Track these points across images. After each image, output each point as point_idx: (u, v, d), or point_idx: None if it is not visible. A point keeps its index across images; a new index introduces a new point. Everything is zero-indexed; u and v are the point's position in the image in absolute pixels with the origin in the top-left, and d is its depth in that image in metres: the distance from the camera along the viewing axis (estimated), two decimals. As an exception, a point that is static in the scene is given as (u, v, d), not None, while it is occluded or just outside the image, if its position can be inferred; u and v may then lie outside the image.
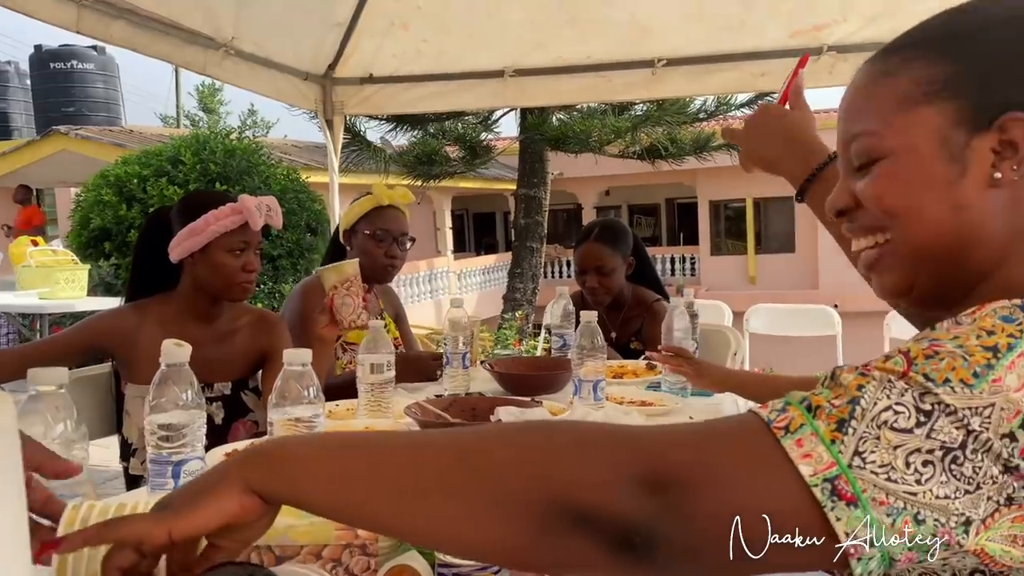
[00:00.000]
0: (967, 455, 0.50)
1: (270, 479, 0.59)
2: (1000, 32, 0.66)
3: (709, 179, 16.82)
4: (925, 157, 0.67)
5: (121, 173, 6.39)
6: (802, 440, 0.52)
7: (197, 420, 0.99)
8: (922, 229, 0.67)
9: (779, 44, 3.42)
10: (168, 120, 24.99)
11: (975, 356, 0.52)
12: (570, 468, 0.54)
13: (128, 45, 2.86)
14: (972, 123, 0.65)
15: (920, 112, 0.67)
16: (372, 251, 2.20)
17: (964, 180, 0.65)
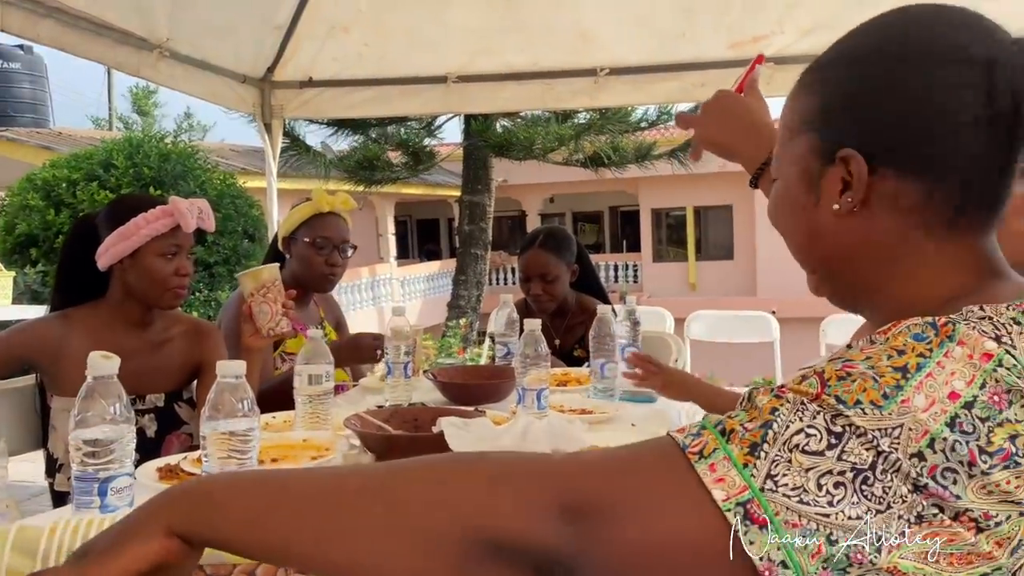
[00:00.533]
0: (877, 476, 0.51)
1: (192, 521, 0.57)
2: (844, 69, 0.69)
3: (651, 187, 17.07)
4: (793, 184, 0.71)
5: (49, 177, 6.17)
6: (715, 465, 0.53)
7: (126, 435, 0.94)
8: (797, 249, 0.73)
9: (719, 55, 3.49)
10: (100, 123, 24.24)
11: (885, 377, 0.53)
12: (489, 501, 0.54)
13: (57, 45, 2.75)
14: (823, 155, 0.68)
15: (796, 142, 0.71)
16: (312, 259, 2.16)
17: (818, 209, 0.69)
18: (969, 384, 0.52)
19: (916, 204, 0.64)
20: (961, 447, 0.50)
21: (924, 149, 0.63)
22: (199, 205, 1.77)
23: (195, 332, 1.87)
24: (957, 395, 0.52)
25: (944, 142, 0.62)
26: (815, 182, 0.68)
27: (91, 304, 1.76)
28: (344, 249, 2.22)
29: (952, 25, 0.64)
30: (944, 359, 0.53)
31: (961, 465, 0.50)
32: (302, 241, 2.17)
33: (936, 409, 0.51)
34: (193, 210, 1.74)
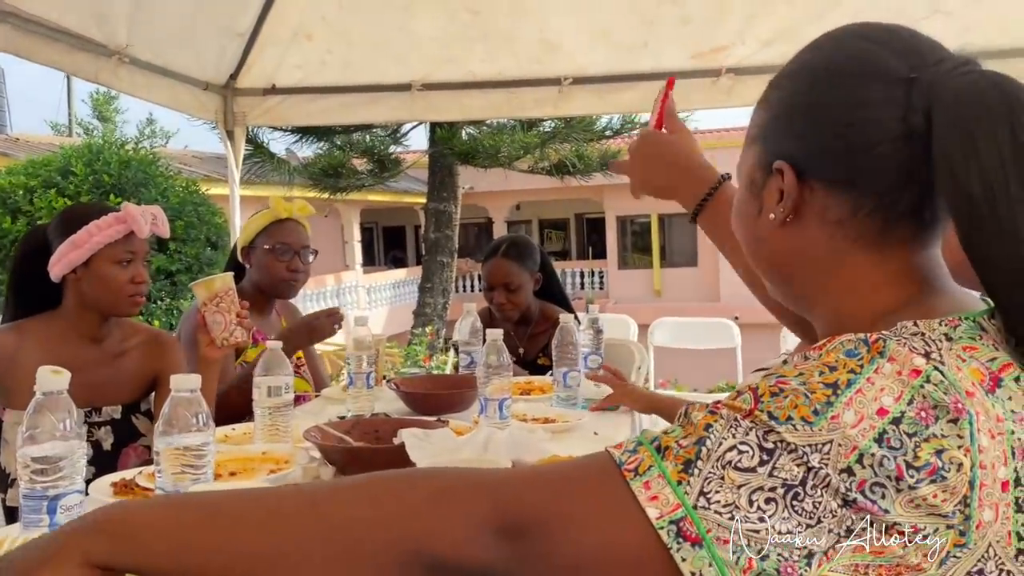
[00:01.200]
0: (807, 491, 0.51)
1: (112, 550, 0.55)
2: (785, 84, 0.71)
3: (616, 195, 17.20)
4: (743, 193, 0.74)
5: (5, 184, 6.03)
6: (650, 482, 0.53)
7: (76, 451, 0.92)
8: (748, 255, 0.75)
9: (680, 65, 3.52)
10: (59, 128, 23.77)
11: (816, 393, 0.54)
12: (427, 520, 0.54)
13: (12, 50, 2.70)
14: (764, 167, 0.70)
15: (747, 152, 0.74)
16: (272, 266, 2.14)
17: (760, 217, 0.71)
18: (897, 400, 0.53)
19: (843, 217, 0.66)
20: (889, 462, 0.51)
21: (847, 164, 0.65)
22: (152, 211, 1.74)
23: (153, 343, 1.84)
24: (885, 411, 0.53)
25: (865, 158, 0.64)
26: (759, 192, 0.71)
27: (45, 315, 1.73)
28: (305, 254, 2.20)
29: (881, 43, 0.66)
30: (874, 375, 0.54)
31: (889, 480, 0.51)
32: (261, 249, 2.15)
33: (865, 425, 0.52)
34: (147, 216, 1.72)
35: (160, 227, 1.75)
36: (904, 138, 0.62)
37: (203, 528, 0.56)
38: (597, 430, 1.68)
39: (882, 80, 0.63)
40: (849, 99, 0.65)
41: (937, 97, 0.61)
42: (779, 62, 2.52)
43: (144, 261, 1.76)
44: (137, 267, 1.73)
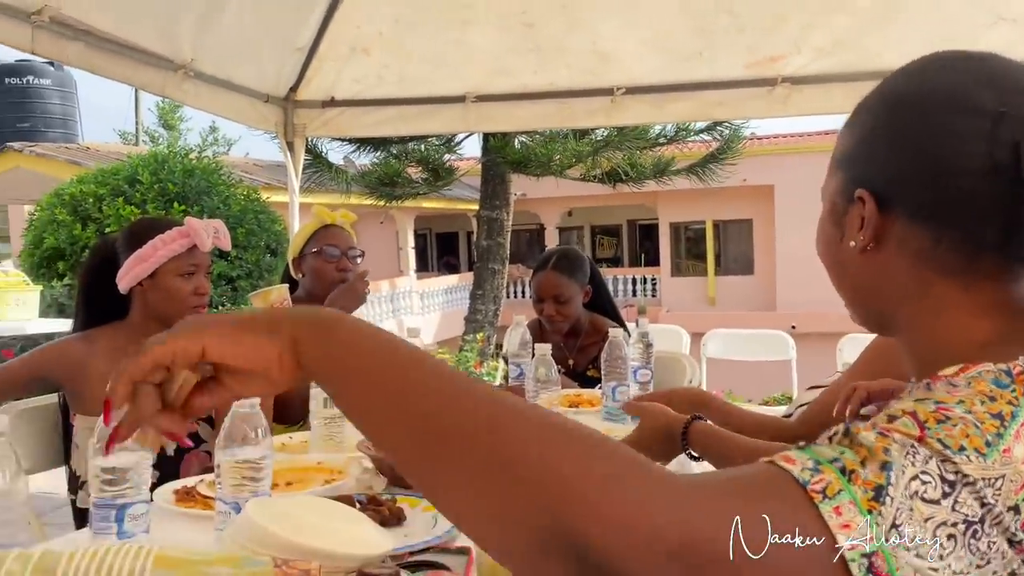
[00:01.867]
0: (984, 529, 0.49)
1: (318, 352, 0.56)
2: (871, 111, 0.71)
3: (670, 201, 17.06)
4: (826, 218, 0.74)
5: (76, 192, 6.28)
6: (840, 508, 0.48)
7: (143, 463, 0.97)
8: (832, 279, 0.75)
9: (735, 75, 3.51)
10: (127, 137, 24.61)
11: (985, 424, 0.51)
12: (593, 501, 0.47)
13: (85, 66, 2.83)
14: (846, 194, 0.70)
15: (832, 178, 0.74)
16: (323, 269, 2.20)
17: (843, 243, 0.71)
18: None
19: (925, 247, 0.65)
20: None
21: (930, 195, 0.64)
22: (215, 225, 1.81)
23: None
24: None
25: (948, 190, 0.63)
26: (840, 219, 0.71)
27: (113, 325, 1.81)
28: (352, 255, 2.26)
29: (970, 73, 0.65)
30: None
31: None
32: (310, 255, 2.22)
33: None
34: (209, 230, 1.78)
35: (222, 240, 1.82)
36: (990, 172, 0.62)
37: (394, 380, 0.54)
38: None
39: (969, 112, 0.63)
40: (934, 130, 0.64)
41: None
42: (838, 71, 2.53)
43: (206, 273, 1.82)
44: (199, 279, 1.79)
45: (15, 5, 2.42)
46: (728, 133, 8.93)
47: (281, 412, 1.90)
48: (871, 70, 3.24)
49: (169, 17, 2.99)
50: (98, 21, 2.72)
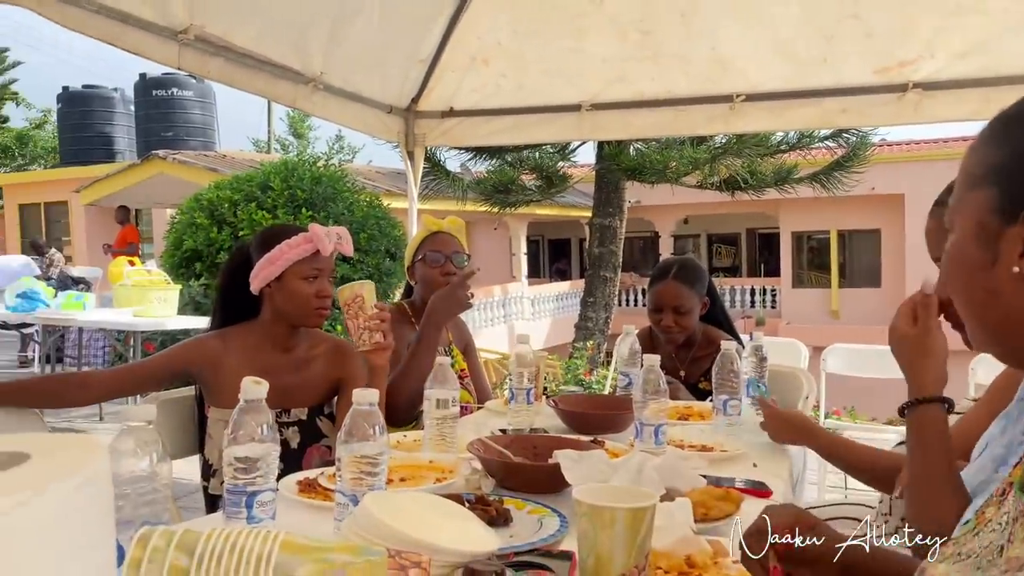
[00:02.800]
0: None
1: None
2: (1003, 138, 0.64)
3: (792, 210, 16.50)
4: (968, 240, 0.67)
5: (213, 197, 6.68)
6: None
7: (272, 453, 1.04)
8: (968, 306, 0.68)
9: (862, 80, 3.38)
10: (260, 145, 26.01)
11: None
12: None
13: (225, 80, 3.03)
14: (1004, 213, 0.64)
15: (973, 194, 0.67)
16: (430, 274, 2.27)
17: (995, 269, 0.64)
18: None
19: None
20: None
21: None
22: (337, 231, 1.90)
23: (336, 351, 1.99)
24: None
25: None
26: (992, 241, 0.64)
27: (246, 324, 1.93)
28: (456, 258, 2.31)
29: None
30: None
31: None
32: (418, 263, 2.30)
33: None
34: (331, 236, 1.88)
35: (344, 246, 1.91)
36: None
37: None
38: (757, 461, 1.65)
39: None
40: None
41: None
42: (976, 76, 2.40)
43: (329, 277, 1.92)
44: (322, 283, 1.88)
45: (164, 24, 2.63)
46: (855, 140, 8.55)
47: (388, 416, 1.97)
48: (1009, 74, 3.06)
49: (301, 32, 3.16)
50: (237, 38, 2.91)
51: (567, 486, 1.24)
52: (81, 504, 0.50)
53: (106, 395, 1.90)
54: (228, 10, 2.79)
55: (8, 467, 0.52)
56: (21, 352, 8.56)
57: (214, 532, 0.80)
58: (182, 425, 1.97)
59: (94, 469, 0.53)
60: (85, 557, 0.50)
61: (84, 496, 0.50)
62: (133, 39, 2.58)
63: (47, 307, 5.72)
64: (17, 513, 0.44)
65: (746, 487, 1.42)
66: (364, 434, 1.06)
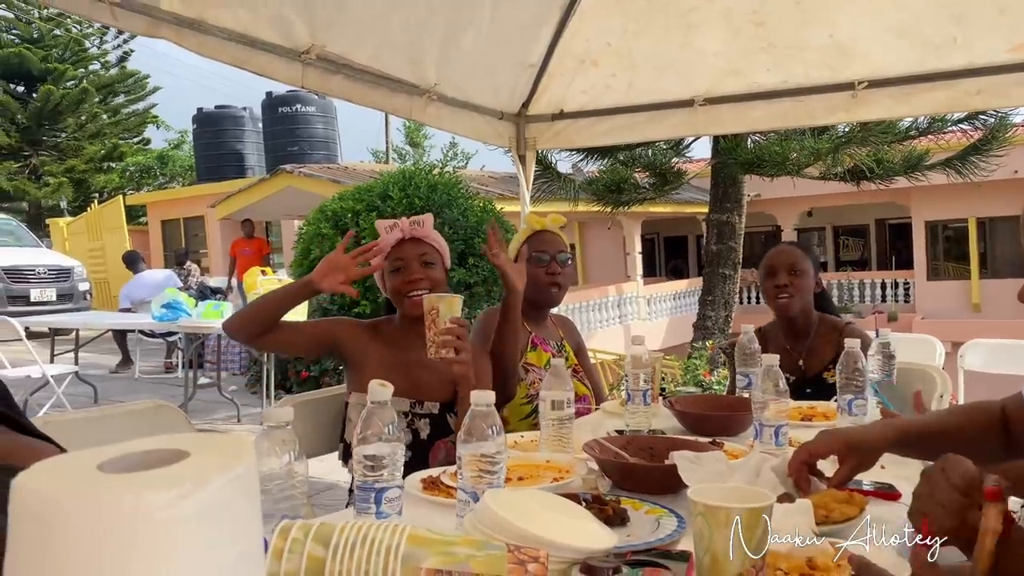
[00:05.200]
0: None
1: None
2: None
3: (925, 198, 15.59)
4: None
5: (337, 208, 6.99)
6: None
7: (397, 451, 1.10)
8: None
9: (996, 59, 3.18)
10: (379, 155, 26.92)
11: None
12: None
13: (345, 96, 3.18)
14: None
15: None
16: (534, 274, 2.29)
17: None
18: None
19: None
20: None
21: None
22: (402, 219, 1.99)
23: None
24: None
25: None
26: None
27: (391, 318, 2.05)
28: (562, 259, 2.33)
29: None
30: None
31: None
32: (523, 261, 2.31)
33: None
34: (392, 227, 1.97)
35: (416, 229, 1.98)
36: None
37: None
38: (884, 463, 1.59)
39: None
40: None
41: None
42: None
43: (420, 262, 1.96)
44: (409, 271, 1.95)
45: (288, 47, 2.79)
46: (993, 122, 7.99)
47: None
48: None
49: (415, 47, 3.27)
50: (356, 56, 3.06)
51: (684, 487, 1.24)
52: (234, 497, 0.56)
53: (285, 342, 1.98)
54: (347, 30, 2.93)
55: (172, 463, 0.59)
56: (167, 359, 9.20)
57: (347, 525, 0.86)
58: (317, 426, 2.08)
59: (245, 465, 0.58)
60: (238, 545, 0.55)
61: (237, 489, 0.56)
62: (260, 62, 2.75)
63: (189, 316, 6.14)
64: (182, 504, 0.50)
65: (872, 489, 1.37)
66: (482, 434, 1.10)
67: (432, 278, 1.98)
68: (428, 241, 2.02)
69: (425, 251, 2.00)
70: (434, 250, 2.03)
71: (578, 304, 12.55)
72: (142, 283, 8.80)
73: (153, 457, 0.62)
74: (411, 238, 2.00)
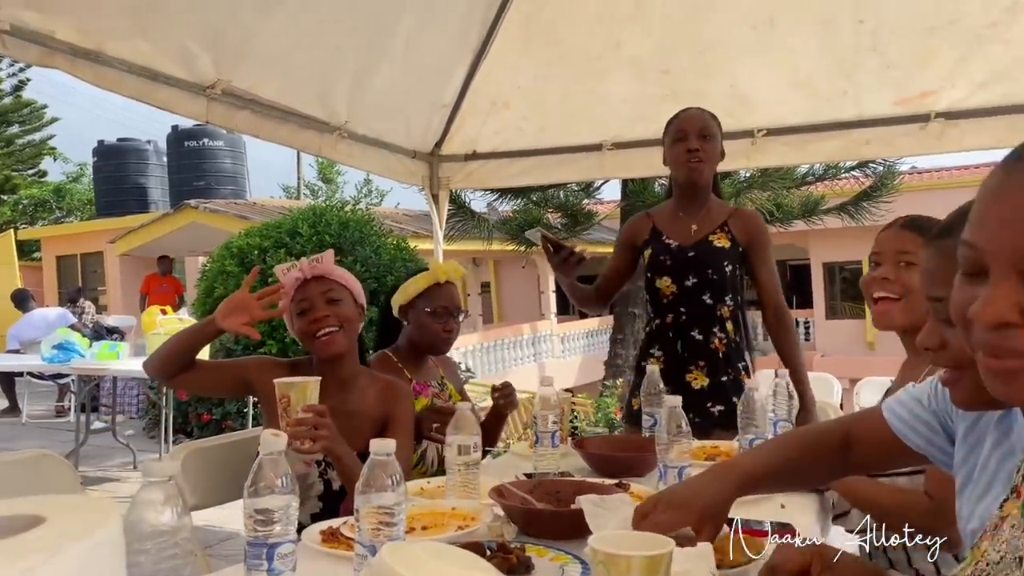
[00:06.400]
0: None
1: None
2: None
3: (822, 240, 16.35)
4: None
5: (243, 244, 6.80)
6: None
7: (291, 504, 1.05)
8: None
9: (884, 112, 3.38)
10: (290, 191, 26.47)
11: None
12: None
13: (251, 132, 3.11)
14: None
15: None
16: (430, 325, 2.26)
17: None
18: None
19: None
20: None
21: None
22: (300, 261, 1.92)
23: (387, 389, 1.96)
24: None
25: None
26: None
27: (309, 359, 1.95)
28: (458, 315, 2.32)
29: None
30: None
31: None
32: (422, 311, 2.27)
33: None
34: (292, 268, 1.89)
35: (314, 268, 1.90)
36: None
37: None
38: (784, 502, 1.62)
39: None
40: None
41: None
42: (999, 104, 2.40)
43: (325, 301, 1.88)
44: (314, 311, 1.86)
45: (193, 80, 2.72)
46: (882, 170, 8.49)
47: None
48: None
49: (326, 83, 3.24)
50: (263, 91, 2.99)
51: (590, 532, 1.22)
52: (93, 566, 0.51)
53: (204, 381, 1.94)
54: (254, 65, 2.87)
55: (24, 530, 0.54)
56: (58, 402, 8.70)
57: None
58: (222, 472, 1.98)
59: (107, 531, 0.54)
60: (96, 619, 0.51)
61: (96, 558, 0.51)
62: (163, 96, 2.66)
63: (82, 357, 5.83)
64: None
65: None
66: (382, 484, 1.06)
67: (340, 315, 1.89)
68: (332, 278, 1.94)
69: (329, 288, 1.92)
70: (340, 286, 1.95)
71: (493, 342, 12.56)
72: (32, 323, 8.32)
73: (6, 524, 0.57)
74: (313, 277, 1.92)
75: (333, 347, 1.87)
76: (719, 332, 2.49)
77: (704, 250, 2.48)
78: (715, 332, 2.48)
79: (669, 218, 2.58)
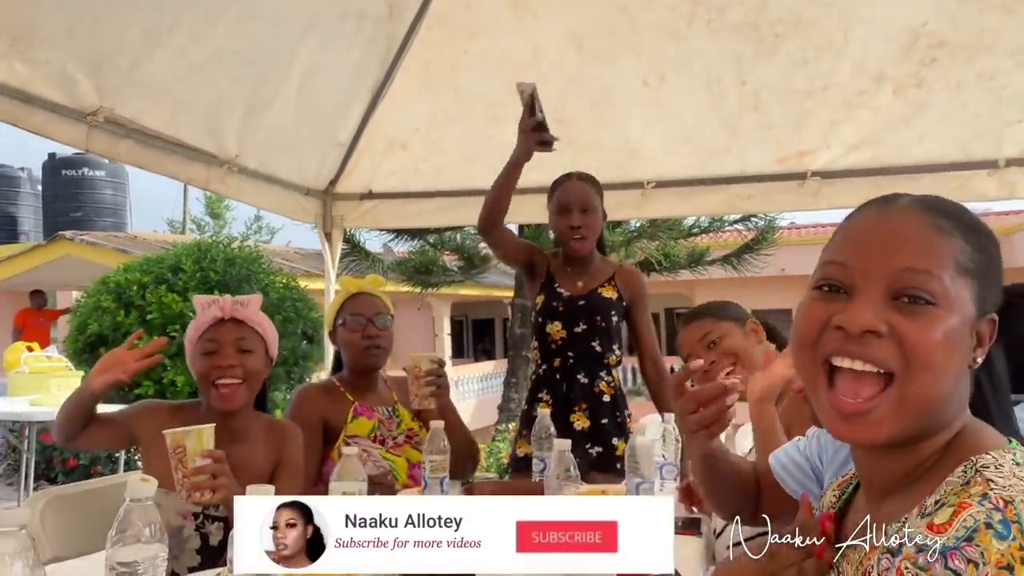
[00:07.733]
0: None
1: None
2: (989, 236, 0.77)
3: (707, 290, 16.94)
4: (964, 322, 0.74)
5: (122, 280, 6.46)
6: None
7: (159, 555, 0.98)
8: (938, 383, 0.73)
9: (765, 169, 3.56)
10: (175, 225, 25.43)
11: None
12: None
13: (135, 163, 2.97)
14: (978, 308, 0.75)
15: (965, 280, 0.74)
16: (350, 339, 2.19)
17: (971, 353, 0.75)
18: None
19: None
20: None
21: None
22: (228, 299, 1.79)
23: (271, 431, 1.86)
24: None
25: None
26: (972, 328, 0.74)
27: (196, 404, 1.83)
28: (378, 320, 2.20)
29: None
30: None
31: None
32: (339, 327, 2.22)
33: None
34: (213, 304, 1.77)
35: (237, 311, 1.79)
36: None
37: None
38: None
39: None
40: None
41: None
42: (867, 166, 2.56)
43: (236, 348, 1.75)
44: (222, 355, 1.73)
45: (73, 107, 2.58)
46: (763, 224, 8.95)
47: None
48: (896, 164, 3.28)
49: (216, 115, 3.14)
50: (148, 120, 2.87)
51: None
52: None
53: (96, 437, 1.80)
54: (139, 93, 2.76)
55: None
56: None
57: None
58: (75, 523, 1.84)
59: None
60: None
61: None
62: (39, 120, 2.52)
63: (-67, 397, 5.36)
64: None
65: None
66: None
67: (247, 368, 1.76)
68: (250, 324, 1.81)
69: (244, 335, 1.79)
70: (256, 336, 1.81)
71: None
72: None
73: None
74: (231, 319, 1.79)
75: (231, 402, 1.75)
76: (606, 376, 2.55)
77: (594, 300, 2.57)
78: (602, 376, 2.54)
79: (559, 270, 2.65)
